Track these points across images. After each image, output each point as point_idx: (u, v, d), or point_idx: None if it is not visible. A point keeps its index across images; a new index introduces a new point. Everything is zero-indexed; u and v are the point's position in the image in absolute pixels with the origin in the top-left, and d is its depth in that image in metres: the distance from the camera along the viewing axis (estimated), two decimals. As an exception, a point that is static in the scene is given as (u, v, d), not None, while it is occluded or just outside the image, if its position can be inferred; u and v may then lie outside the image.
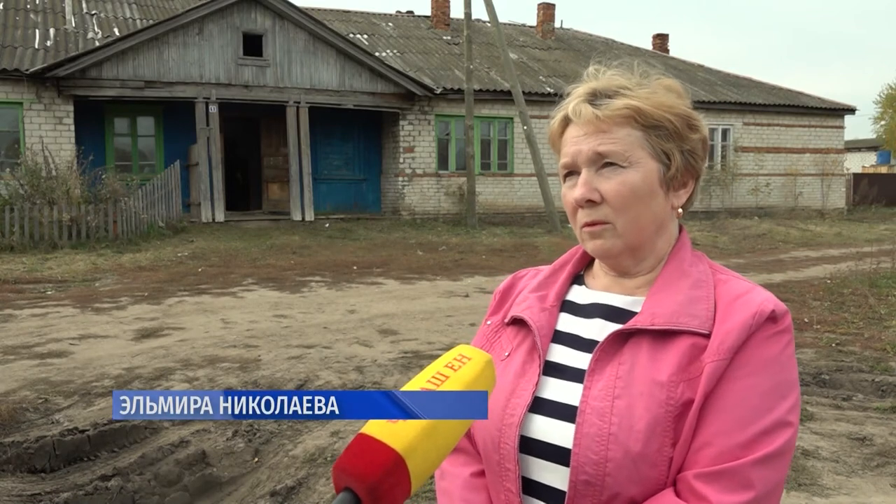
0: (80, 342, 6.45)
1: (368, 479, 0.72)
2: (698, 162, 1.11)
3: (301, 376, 5.28)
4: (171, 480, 3.78)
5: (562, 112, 1.12)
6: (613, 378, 1.01)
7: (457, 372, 0.84)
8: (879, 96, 46.62)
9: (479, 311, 8.10)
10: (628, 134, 1.06)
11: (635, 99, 1.06)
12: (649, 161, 1.06)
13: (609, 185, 1.05)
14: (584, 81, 1.12)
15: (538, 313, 1.14)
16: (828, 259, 13.35)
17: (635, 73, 1.11)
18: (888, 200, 26.93)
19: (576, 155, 1.08)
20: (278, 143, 18.99)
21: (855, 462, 3.87)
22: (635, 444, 0.96)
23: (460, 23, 21.00)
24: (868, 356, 5.87)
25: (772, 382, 0.97)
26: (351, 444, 0.76)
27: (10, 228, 13.11)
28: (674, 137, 1.07)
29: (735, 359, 0.98)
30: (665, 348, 1.01)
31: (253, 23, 17.31)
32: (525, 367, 1.10)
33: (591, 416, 1.00)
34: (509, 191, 20.36)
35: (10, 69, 15.24)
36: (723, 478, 0.93)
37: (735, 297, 1.03)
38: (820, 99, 24.82)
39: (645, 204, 1.06)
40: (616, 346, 1.04)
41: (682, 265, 1.09)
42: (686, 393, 0.97)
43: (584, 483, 0.98)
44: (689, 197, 1.12)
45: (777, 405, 0.97)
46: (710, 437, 0.95)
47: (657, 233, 1.10)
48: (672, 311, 1.03)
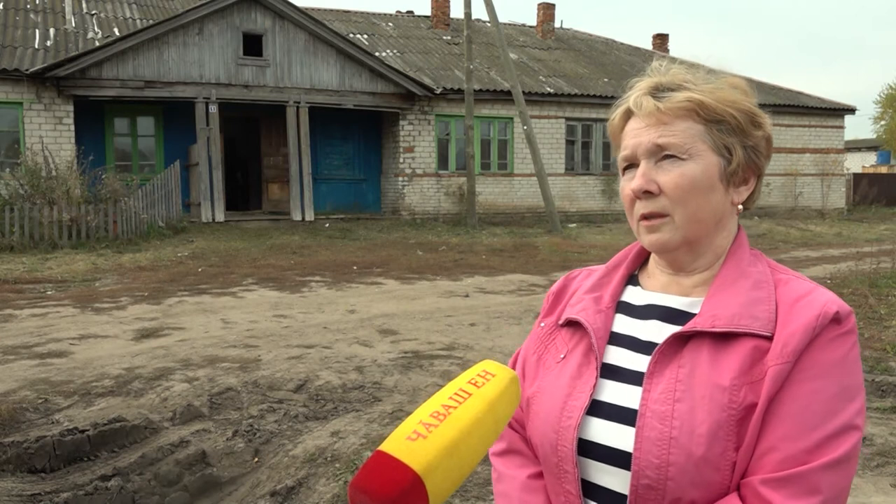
0: (80, 342, 6.45)
1: (384, 500, 0.71)
2: (761, 159, 1.09)
3: (301, 376, 5.28)
4: (171, 480, 3.78)
5: (623, 105, 1.10)
6: (674, 381, 1.00)
7: (480, 389, 0.82)
8: (879, 96, 46.65)
9: (478, 311, 8.10)
10: (689, 127, 1.04)
11: (698, 92, 1.05)
12: (710, 154, 1.05)
13: (668, 177, 1.04)
14: (648, 76, 1.10)
15: (594, 315, 1.12)
16: (828, 259, 13.35)
17: (701, 71, 1.10)
18: (888, 200, 26.93)
19: (636, 147, 1.06)
20: (278, 143, 18.99)
21: (855, 462, 3.87)
22: (697, 448, 0.95)
23: (460, 23, 21.00)
24: (868, 356, 5.87)
25: (837, 386, 0.96)
26: (369, 462, 0.74)
27: (10, 228, 13.10)
28: (736, 133, 1.06)
29: (799, 362, 0.96)
30: (726, 351, 0.99)
31: (253, 23, 17.31)
32: (581, 370, 1.09)
33: (651, 420, 0.98)
34: (509, 191, 20.36)
35: (10, 69, 15.24)
36: (789, 483, 0.92)
37: (797, 298, 1.01)
38: (820, 99, 24.81)
39: (704, 197, 1.04)
40: (675, 348, 1.02)
41: (740, 264, 1.07)
42: (749, 397, 0.96)
43: (646, 487, 0.97)
44: (750, 194, 1.10)
45: (843, 409, 0.95)
46: (775, 441, 0.94)
47: (716, 228, 1.08)
48: (733, 312, 1.01)
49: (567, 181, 20.72)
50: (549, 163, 19.86)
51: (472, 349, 6.30)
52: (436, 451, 0.74)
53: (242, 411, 4.63)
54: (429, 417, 0.78)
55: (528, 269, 11.69)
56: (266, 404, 4.72)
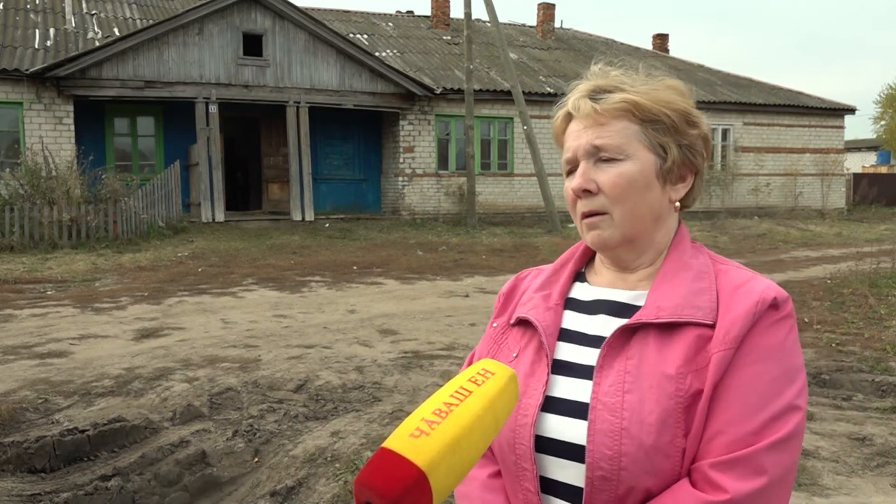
0: (80, 342, 6.45)
1: (389, 496, 0.72)
2: (697, 158, 1.11)
3: (301, 376, 5.28)
4: (171, 480, 3.78)
5: (564, 108, 1.13)
6: (622, 373, 1.02)
7: (480, 387, 0.83)
8: (879, 96, 46.67)
9: (478, 310, 8.09)
10: (625, 127, 1.07)
11: (633, 94, 1.07)
12: (645, 153, 1.07)
13: (605, 176, 1.07)
14: (587, 79, 1.13)
15: (543, 312, 1.15)
16: (828, 259, 13.35)
17: (640, 73, 1.12)
18: (888, 200, 26.93)
19: (576, 149, 1.09)
20: (278, 143, 18.99)
21: (855, 462, 3.87)
22: (648, 437, 0.97)
23: (460, 23, 21.00)
24: (868, 356, 5.87)
25: (778, 368, 0.99)
26: (373, 458, 0.75)
27: (10, 228, 13.11)
28: (671, 132, 1.08)
29: (741, 347, 0.99)
30: (671, 341, 1.02)
31: (253, 23, 17.31)
32: (534, 367, 1.11)
33: (602, 412, 1.00)
34: (509, 191, 20.36)
35: (10, 69, 15.24)
36: (737, 465, 0.95)
37: (737, 287, 1.04)
38: (820, 99, 24.81)
39: (641, 195, 1.07)
40: (623, 340, 1.05)
41: (682, 257, 1.10)
42: (695, 384, 0.99)
43: (601, 478, 0.99)
44: (688, 192, 1.12)
45: (785, 390, 0.98)
46: (721, 425, 0.97)
47: (655, 225, 1.10)
48: (676, 303, 1.04)
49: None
50: (550, 163, 19.85)
51: (471, 349, 6.29)
52: (439, 447, 0.75)
53: (242, 411, 4.63)
54: (431, 415, 0.79)
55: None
56: (266, 404, 4.72)
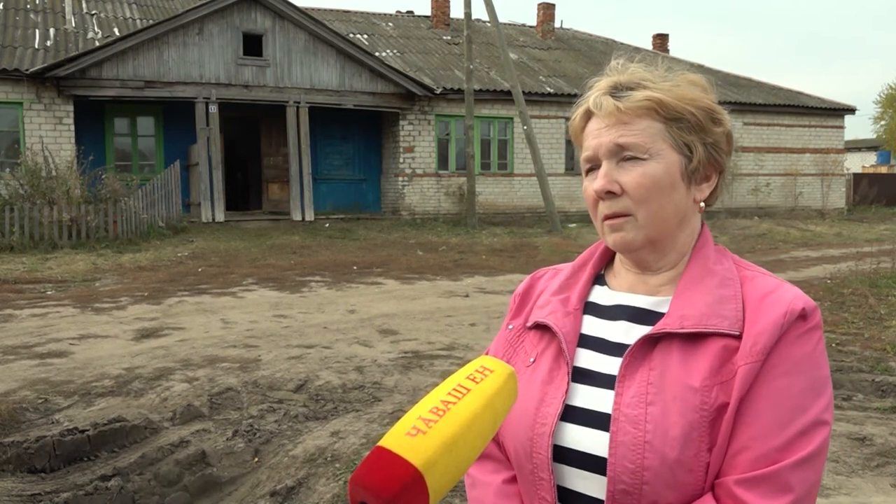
0: (80, 342, 6.45)
1: (385, 495, 0.70)
2: (722, 156, 1.09)
3: (301, 376, 5.28)
4: (171, 480, 3.78)
5: (583, 105, 1.09)
6: (645, 384, 0.99)
7: (478, 384, 0.82)
8: (879, 96, 46.64)
9: (478, 311, 8.09)
10: (649, 126, 1.04)
11: (657, 91, 1.04)
12: (671, 153, 1.04)
13: (629, 177, 1.03)
14: (607, 75, 1.09)
15: (562, 318, 1.11)
16: (828, 259, 13.35)
17: (659, 68, 1.09)
18: (888, 200, 26.93)
19: (597, 147, 1.06)
20: (278, 143, 18.99)
21: (855, 462, 3.87)
22: (671, 451, 0.95)
23: (460, 23, 21.00)
24: (868, 356, 5.87)
25: (806, 381, 0.96)
26: (368, 457, 0.74)
27: (10, 228, 13.11)
28: (696, 130, 1.05)
29: (768, 359, 0.96)
30: (696, 351, 0.99)
31: (253, 23, 17.31)
32: (552, 374, 1.07)
33: (624, 425, 0.98)
34: (509, 191, 20.36)
35: (10, 69, 15.24)
36: (762, 483, 0.92)
37: (764, 295, 1.01)
38: (820, 99, 24.81)
39: (666, 196, 1.04)
40: (645, 350, 1.02)
41: (706, 262, 1.07)
42: (720, 397, 0.96)
43: (622, 492, 0.97)
44: (712, 191, 1.10)
45: (813, 404, 0.95)
46: (747, 440, 0.94)
47: (679, 226, 1.07)
48: (701, 312, 1.01)
49: (567, 181, 20.71)
50: (549, 163, 19.86)
51: (471, 349, 6.29)
52: (436, 446, 0.74)
53: (242, 411, 4.63)
54: (428, 413, 0.78)
55: (528, 269, 11.61)
56: (266, 404, 4.72)
